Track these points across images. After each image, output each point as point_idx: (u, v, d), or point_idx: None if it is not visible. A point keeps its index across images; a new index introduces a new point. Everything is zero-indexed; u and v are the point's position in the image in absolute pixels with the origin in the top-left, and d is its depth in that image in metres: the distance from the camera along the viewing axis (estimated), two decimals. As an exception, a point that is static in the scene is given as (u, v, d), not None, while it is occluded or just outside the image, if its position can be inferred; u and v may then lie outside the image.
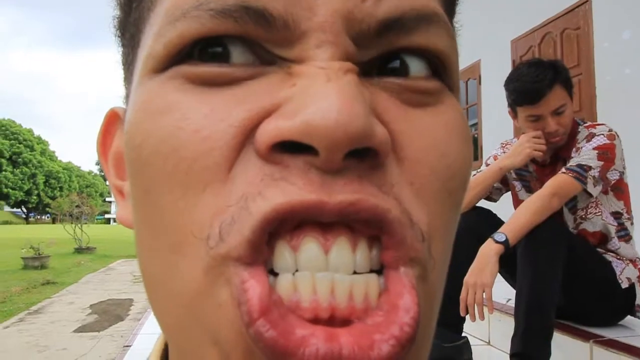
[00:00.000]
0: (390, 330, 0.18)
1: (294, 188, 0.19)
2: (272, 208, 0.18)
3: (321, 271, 0.19)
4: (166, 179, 0.20)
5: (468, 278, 1.62)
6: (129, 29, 0.26)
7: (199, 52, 0.21)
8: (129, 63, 0.26)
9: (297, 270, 0.19)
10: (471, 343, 2.04)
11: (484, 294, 1.59)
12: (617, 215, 1.86)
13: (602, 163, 1.73)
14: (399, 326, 0.18)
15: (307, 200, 0.18)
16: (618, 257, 1.84)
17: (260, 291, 0.18)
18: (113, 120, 0.30)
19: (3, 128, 62.36)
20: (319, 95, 0.18)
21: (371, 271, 0.20)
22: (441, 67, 0.23)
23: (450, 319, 1.86)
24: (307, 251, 0.19)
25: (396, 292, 0.19)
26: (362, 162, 0.19)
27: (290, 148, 0.19)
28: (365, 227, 0.20)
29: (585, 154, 1.75)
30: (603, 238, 1.87)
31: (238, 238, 0.19)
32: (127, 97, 0.27)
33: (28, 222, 67.97)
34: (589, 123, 1.88)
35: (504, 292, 2.08)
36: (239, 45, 0.21)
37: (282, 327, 0.18)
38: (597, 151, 1.74)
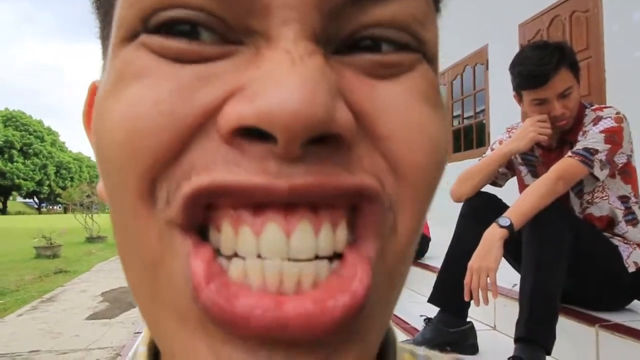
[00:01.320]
0: (343, 297, 0.18)
1: (242, 171, 0.19)
2: (209, 181, 0.19)
3: (283, 255, 0.19)
4: (118, 147, 0.20)
5: (472, 263, 1.62)
6: (104, 4, 0.26)
7: (169, 26, 0.21)
8: (104, 37, 0.26)
9: (259, 255, 0.19)
10: (477, 328, 2.04)
11: (488, 278, 1.59)
12: (624, 199, 1.84)
13: (609, 146, 1.71)
14: (350, 293, 0.19)
15: (252, 182, 0.18)
16: (625, 241, 1.83)
17: (203, 264, 0.19)
18: (95, 93, 0.29)
19: (13, 119, 62.86)
20: (281, 82, 0.18)
21: (333, 255, 0.20)
22: (411, 38, 0.23)
23: (455, 304, 1.86)
24: (268, 235, 0.19)
25: (351, 263, 0.20)
26: (324, 147, 0.19)
27: (251, 133, 0.19)
28: (337, 201, 0.20)
29: (592, 137, 1.73)
30: (610, 222, 1.85)
31: (177, 203, 0.19)
32: (103, 68, 0.27)
33: (40, 212, 68.80)
34: (596, 106, 1.86)
35: (509, 277, 2.08)
36: (207, 23, 0.20)
37: (227, 297, 0.18)
38: (604, 134, 1.72)
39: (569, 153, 1.73)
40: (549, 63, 1.69)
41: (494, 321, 2.36)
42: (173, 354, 0.21)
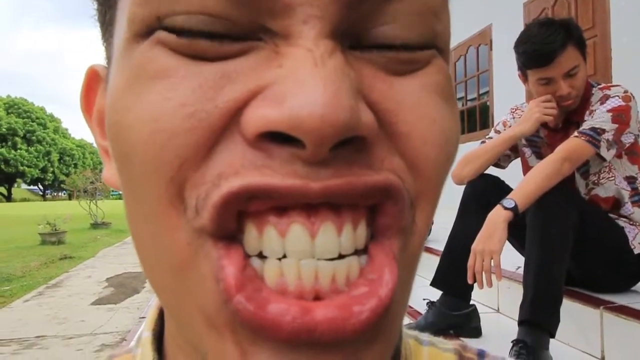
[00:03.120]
0: (370, 302, 0.19)
1: (274, 174, 0.19)
2: (240, 185, 0.19)
3: (307, 255, 0.20)
4: (143, 147, 0.20)
5: (476, 245, 1.60)
6: None
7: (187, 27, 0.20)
8: (107, 23, 0.25)
9: (284, 256, 0.20)
10: (480, 311, 2.04)
11: (492, 261, 1.57)
12: (631, 179, 1.81)
13: (616, 126, 1.67)
14: (377, 298, 0.19)
15: (285, 184, 0.19)
16: (631, 222, 1.81)
17: (235, 269, 0.19)
18: (94, 77, 0.29)
19: (16, 107, 62.90)
20: (306, 84, 0.18)
21: (355, 251, 0.21)
22: (431, 29, 0.23)
23: (458, 287, 1.85)
24: (294, 237, 0.19)
25: (378, 263, 0.20)
26: (349, 148, 0.19)
27: (276, 137, 0.19)
28: (362, 201, 0.20)
29: (599, 116, 1.69)
30: (616, 203, 1.83)
31: (208, 213, 0.19)
32: (108, 58, 0.26)
33: (45, 199, 69.28)
34: (603, 85, 1.81)
35: (513, 259, 2.06)
36: (225, 27, 0.20)
37: (258, 303, 0.18)
38: (611, 114, 1.68)
39: (575, 133, 1.70)
40: (554, 41, 1.65)
41: (498, 304, 2.36)
42: (203, 353, 0.21)
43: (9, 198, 65.78)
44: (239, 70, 0.20)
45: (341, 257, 0.20)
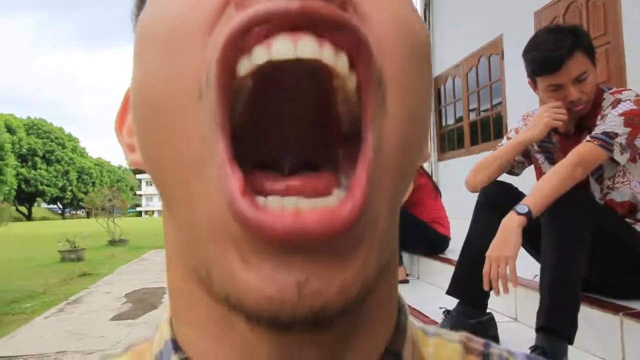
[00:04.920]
0: (347, 206, 0.21)
1: (257, 5, 0.22)
2: (232, 27, 0.22)
3: (290, 55, 0.22)
4: (161, 43, 0.24)
5: (490, 252, 1.60)
6: None
7: None
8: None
9: (270, 59, 0.22)
10: (498, 320, 2.02)
11: (507, 267, 1.56)
12: (646, 184, 1.79)
13: (629, 129, 1.66)
14: (353, 202, 0.21)
15: (267, 7, 0.21)
16: (648, 227, 1.79)
17: (239, 183, 0.21)
18: (129, 99, 0.32)
19: (35, 127, 64.20)
20: None
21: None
22: None
23: (474, 295, 1.84)
24: (278, 43, 0.22)
25: (355, 175, 0.22)
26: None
27: None
28: (338, 37, 0.22)
29: (610, 120, 1.69)
30: (632, 208, 1.81)
31: (216, 53, 0.22)
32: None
33: (64, 218, 70.15)
34: (614, 89, 1.81)
35: (530, 268, 2.04)
36: None
37: (258, 207, 0.21)
38: (623, 117, 1.68)
39: (588, 137, 1.70)
40: (562, 47, 1.66)
41: (516, 312, 2.33)
42: (205, 261, 0.23)
43: (29, 217, 66.84)
44: None
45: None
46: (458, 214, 3.79)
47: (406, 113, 0.25)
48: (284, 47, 0.21)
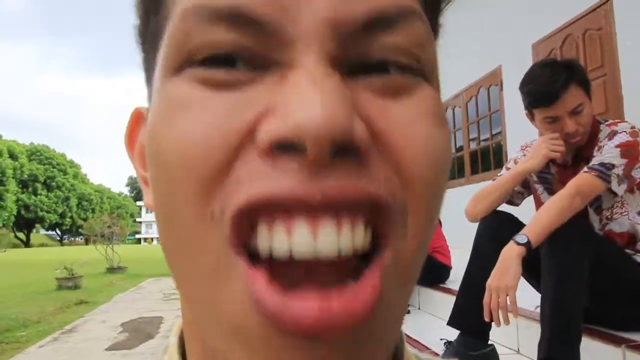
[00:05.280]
0: (358, 302, 0.22)
1: (282, 178, 0.22)
2: (250, 194, 0.22)
3: (310, 251, 0.22)
4: (177, 169, 0.24)
5: (491, 282, 1.59)
6: (149, 37, 0.30)
7: (210, 59, 0.24)
8: (149, 67, 0.30)
9: (290, 252, 0.22)
10: (500, 352, 1.99)
11: (507, 297, 1.55)
12: (645, 214, 1.80)
13: (625, 160, 1.68)
14: (362, 302, 0.22)
15: (290, 186, 0.21)
16: (648, 258, 1.78)
17: (264, 282, 0.22)
18: (138, 118, 0.34)
19: (38, 153, 64.53)
20: (306, 99, 0.21)
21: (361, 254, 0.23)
22: (417, 58, 0.26)
23: (476, 326, 1.82)
24: (299, 234, 0.22)
25: (369, 275, 0.23)
26: (347, 161, 0.22)
27: (285, 149, 0.22)
28: (359, 212, 0.23)
29: (607, 152, 1.71)
30: (631, 239, 1.81)
31: (227, 222, 0.22)
32: (149, 97, 0.30)
33: (62, 244, 69.72)
34: (610, 121, 1.84)
35: (532, 299, 2.03)
36: (241, 53, 0.24)
37: (283, 297, 0.21)
38: (619, 149, 1.70)
39: (585, 168, 1.71)
40: (557, 81, 1.70)
41: (518, 344, 2.30)
42: (225, 355, 0.24)
43: (27, 243, 66.46)
44: (253, 96, 0.23)
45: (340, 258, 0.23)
46: (459, 243, 3.78)
47: (427, 227, 0.26)
48: (304, 241, 0.22)
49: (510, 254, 1.59)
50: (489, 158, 6.49)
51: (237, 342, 0.23)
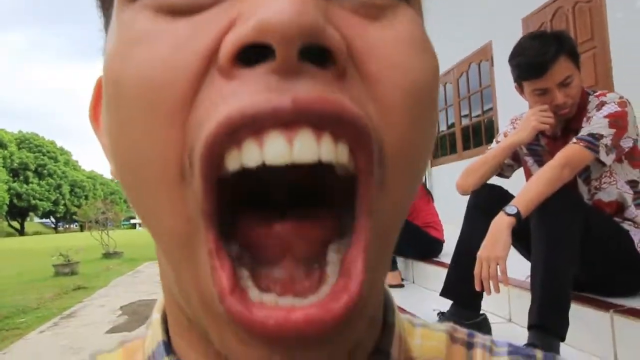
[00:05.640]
0: (343, 299, 0.20)
1: (247, 94, 0.19)
2: (217, 121, 0.19)
3: (285, 160, 0.20)
4: (138, 109, 0.21)
5: (481, 252, 1.63)
6: None
7: None
8: (107, 8, 0.28)
9: (264, 163, 0.20)
10: (492, 321, 2.04)
11: (498, 267, 1.59)
12: (633, 183, 1.83)
13: (614, 131, 1.71)
14: (349, 295, 0.20)
15: (259, 101, 0.19)
16: (635, 225, 1.82)
17: (226, 274, 0.20)
18: (101, 88, 0.31)
19: (27, 142, 63.88)
20: (272, 1, 0.19)
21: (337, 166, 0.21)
22: None
23: (467, 296, 1.87)
24: (272, 144, 0.20)
25: (351, 258, 0.21)
26: (322, 70, 0.20)
27: (250, 60, 0.20)
28: (336, 128, 0.20)
29: (596, 122, 1.73)
30: (619, 207, 1.85)
31: (198, 164, 0.20)
32: (105, 42, 0.28)
33: (57, 232, 69.58)
34: (599, 92, 1.86)
35: (523, 269, 2.07)
36: None
37: (247, 306, 0.20)
38: (608, 119, 1.72)
39: (574, 139, 1.74)
40: (547, 52, 1.71)
41: (510, 313, 2.35)
42: (202, 323, 0.23)
43: (22, 232, 66.27)
44: (213, 16, 0.21)
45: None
46: (452, 218, 3.82)
47: (407, 185, 0.24)
48: (279, 149, 0.19)
49: (500, 224, 1.62)
50: (480, 134, 6.51)
51: (208, 316, 0.22)
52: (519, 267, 2.00)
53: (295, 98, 0.19)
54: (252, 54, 0.19)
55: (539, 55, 1.71)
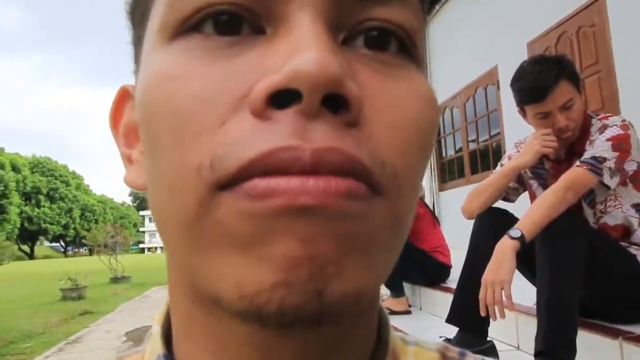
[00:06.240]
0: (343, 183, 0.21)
1: (277, 135, 0.21)
2: (255, 153, 0.21)
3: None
4: (168, 131, 0.23)
5: (485, 276, 1.61)
6: (140, 7, 0.29)
7: (204, 24, 0.24)
8: (138, 40, 0.30)
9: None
10: (500, 349, 2.00)
11: (502, 291, 1.57)
12: (638, 207, 1.81)
13: (617, 154, 1.70)
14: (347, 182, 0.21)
15: (284, 144, 0.21)
16: (643, 249, 1.80)
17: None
18: (124, 95, 0.33)
19: (40, 165, 64.73)
20: (302, 51, 0.21)
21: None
22: (410, 43, 0.26)
23: (474, 323, 1.83)
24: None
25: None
26: (338, 116, 0.22)
27: (281, 104, 0.22)
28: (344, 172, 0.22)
29: (599, 145, 1.73)
30: (625, 231, 1.82)
31: (226, 170, 0.22)
32: (136, 71, 0.30)
33: (66, 256, 69.76)
34: (601, 115, 1.86)
35: (531, 295, 2.04)
36: (233, 11, 0.24)
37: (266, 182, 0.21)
38: (611, 142, 1.72)
39: (577, 162, 1.73)
40: (547, 77, 1.72)
41: (517, 340, 2.31)
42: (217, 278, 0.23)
43: (31, 256, 66.51)
44: (245, 64, 0.23)
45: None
46: (461, 243, 3.78)
47: (415, 184, 0.26)
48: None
49: (504, 248, 1.60)
50: (488, 158, 6.50)
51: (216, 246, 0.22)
52: (527, 293, 1.97)
53: (318, 147, 0.21)
54: (282, 98, 0.22)
55: (540, 79, 1.72)
